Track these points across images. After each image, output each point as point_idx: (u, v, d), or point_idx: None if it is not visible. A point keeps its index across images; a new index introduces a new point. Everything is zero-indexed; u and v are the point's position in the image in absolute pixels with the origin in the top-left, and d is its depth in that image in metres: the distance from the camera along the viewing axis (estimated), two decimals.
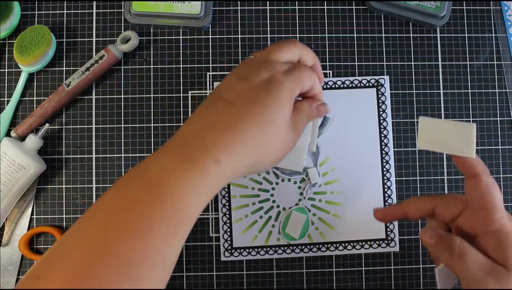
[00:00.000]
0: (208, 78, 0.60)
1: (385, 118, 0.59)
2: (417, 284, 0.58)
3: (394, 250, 0.58)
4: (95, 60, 0.58)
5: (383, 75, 0.60)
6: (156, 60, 0.60)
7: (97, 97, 0.60)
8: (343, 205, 0.58)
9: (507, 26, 0.61)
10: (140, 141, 0.59)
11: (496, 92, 0.61)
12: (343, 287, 0.58)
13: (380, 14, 0.61)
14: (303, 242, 0.58)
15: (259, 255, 0.58)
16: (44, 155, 0.59)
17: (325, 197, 0.58)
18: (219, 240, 0.58)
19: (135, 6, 0.58)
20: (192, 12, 0.58)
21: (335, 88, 0.60)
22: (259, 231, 0.58)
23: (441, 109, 0.60)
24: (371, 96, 0.60)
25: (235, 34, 0.61)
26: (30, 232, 0.57)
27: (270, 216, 0.58)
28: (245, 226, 0.58)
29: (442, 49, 0.61)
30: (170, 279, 0.41)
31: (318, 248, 0.58)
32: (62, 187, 0.59)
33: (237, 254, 0.58)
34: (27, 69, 0.58)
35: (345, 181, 0.59)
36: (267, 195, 0.58)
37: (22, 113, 0.59)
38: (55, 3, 0.61)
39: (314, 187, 0.58)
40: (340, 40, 0.61)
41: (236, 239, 0.58)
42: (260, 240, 0.58)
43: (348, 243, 0.58)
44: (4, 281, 0.57)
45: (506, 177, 0.60)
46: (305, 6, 0.61)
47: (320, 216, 0.58)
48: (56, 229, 0.57)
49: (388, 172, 0.59)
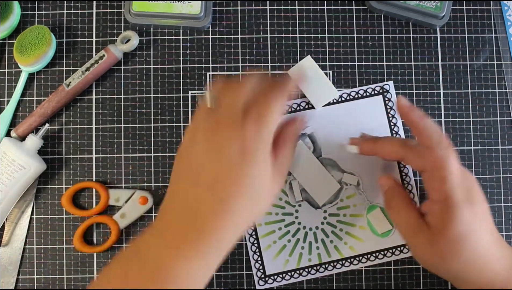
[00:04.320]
0: (208, 78, 0.60)
1: (395, 123, 0.59)
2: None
3: None
4: (95, 60, 0.58)
5: (383, 75, 0.60)
6: (156, 60, 0.60)
7: (97, 97, 0.60)
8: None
9: (507, 26, 0.61)
10: (140, 141, 0.59)
11: (496, 92, 0.61)
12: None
13: (380, 14, 0.61)
14: (334, 259, 0.58)
15: (293, 279, 0.58)
16: (44, 155, 0.59)
17: (349, 211, 0.58)
18: (251, 269, 0.58)
19: (135, 6, 0.58)
20: (192, 12, 0.58)
21: (341, 102, 0.60)
22: (289, 254, 0.58)
23: (441, 109, 0.60)
24: (378, 103, 0.60)
25: (235, 34, 0.61)
26: (73, 188, 0.57)
27: (298, 238, 0.58)
28: (275, 252, 0.58)
29: (442, 49, 0.61)
30: None
31: (350, 262, 0.58)
32: (62, 187, 0.59)
33: (271, 281, 0.58)
34: (27, 69, 0.58)
35: (366, 191, 0.59)
36: (291, 218, 0.58)
37: (22, 113, 0.59)
38: (55, 3, 0.61)
39: (337, 204, 0.59)
40: (340, 40, 0.61)
41: (268, 266, 0.58)
42: (292, 264, 0.58)
43: (379, 253, 0.58)
44: (4, 281, 0.57)
45: (506, 177, 0.60)
46: (305, 6, 0.61)
47: (347, 230, 0.58)
48: (99, 185, 0.57)
49: (407, 176, 0.59)
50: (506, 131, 0.60)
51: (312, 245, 0.58)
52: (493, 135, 0.60)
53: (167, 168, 0.59)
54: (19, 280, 0.58)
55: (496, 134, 0.60)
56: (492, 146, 0.60)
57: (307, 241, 0.58)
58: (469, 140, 0.60)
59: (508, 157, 0.60)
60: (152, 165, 0.59)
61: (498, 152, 0.60)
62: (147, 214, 0.58)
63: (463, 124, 0.60)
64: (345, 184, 0.59)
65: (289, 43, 0.61)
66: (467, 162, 0.60)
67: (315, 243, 0.58)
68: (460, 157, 0.59)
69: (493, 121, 0.60)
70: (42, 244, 0.58)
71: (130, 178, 0.59)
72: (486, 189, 0.59)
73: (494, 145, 0.60)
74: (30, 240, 0.58)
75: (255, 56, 0.60)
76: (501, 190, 0.60)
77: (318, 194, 0.58)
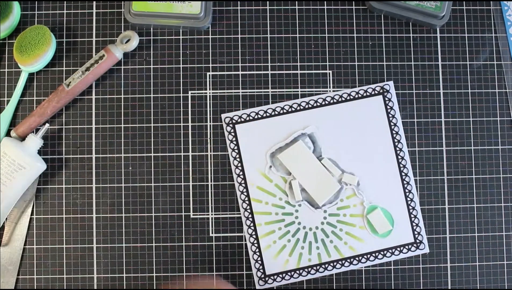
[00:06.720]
0: (208, 78, 0.60)
1: (395, 123, 0.59)
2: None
3: (424, 252, 0.58)
4: (95, 60, 0.58)
5: (383, 75, 0.60)
6: (156, 60, 0.60)
7: (97, 97, 0.60)
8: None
9: (507, 26, 0.61)
10: (140, 141, 0.59)
11: (496, 92, 0.61)
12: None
13: (380, 14, 0.61)
14: (334, 259, 0.58)
15: (293, 279, 0.58)
16: (44, 155, 0.59)
17: (349, 211, 0.58)
18: (251, 269, 0.58)
19: (135, 6, 0.58)
20: (192, 12, 0.58)
21: (341, 102, 0.60)
22: (289, 254, 0.58)
23: (441, 109, 0.60)
24: (378, 103, 0.60)
25: (235, 34, 0.61)
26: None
27: (298, 238, 0.58)
28: (275, 252, 0.58)
29: (442, 49, 0.61)
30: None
31: (350, 262, 0.58)
32: (62, 187, 0.59)
33: (271, 281, 0.58)
34: (27, 69, 0.58)
35: (366, 191, 0.59)
36: (291, 218, 0.58)
37: (22, 113, 0.59)
38: (55, 3, 0.61)
39: (337, 203, 0.59)
40: (340, 40, 0.61)
41: (268, 266, 0.58)
42: (292, 264, 0.58)
43: (378, 253, 0.58)
44: (4, 281, 0.57)
45: (506, 177, 0.60)
46: (305, 6, 0.61)
47: (347, 230, 0.58)
48: None
49: (407, 176, 0.59)
50: (506, 131, 0.60)
51: (312, 245, 0.58)
52: (493, 135, 0.60)
53: (167, 168, 0.59)
54: (19, 280, 0.58)
55: (496, 134, 0.60)
56: (492, 146, 0.60)
57: (307, 241, 0.58)
58: (469, 140, 0.60)
59: (508, 157, 0.60)
60: (152, 165, 0.59)
61: (498, 152, 0.60)
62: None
63: (463, 124, 0.60)
64: (345, 184, 0.59)
65: (289, 43, 0.61)
66: (467, 162, 0.60)
67: (315, 243, 0.58)
68: (460, 157, 0.59)
69: (493, 121, 0.60)
70: (42, 244, 0.58)
71: (130, 178, 0.59)
72: (486, 189, 0.59)
73: (494, 145, 0.60)
74: (30, 240, 0.58)
75: (255, 56, 0.60)
76: (501, 190, 0.60)
77: (318, 194, 0.58)
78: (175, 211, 0.59)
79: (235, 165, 0.59)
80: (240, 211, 0.58)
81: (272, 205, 0.58)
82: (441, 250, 0.59)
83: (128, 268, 0.58)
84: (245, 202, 0.58)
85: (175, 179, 0.59)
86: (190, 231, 0.58)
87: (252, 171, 0.59)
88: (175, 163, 0.59)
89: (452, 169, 0.60)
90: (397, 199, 0.59)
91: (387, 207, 0.58)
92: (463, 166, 0.60)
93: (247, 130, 0.59)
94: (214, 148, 0.59)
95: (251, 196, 0.58)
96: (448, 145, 0.60)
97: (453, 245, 0.59)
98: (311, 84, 0.60)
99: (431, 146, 0.60)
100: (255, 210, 0.58)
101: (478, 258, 0.59)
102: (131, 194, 0.59)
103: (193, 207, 0.59)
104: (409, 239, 0.58)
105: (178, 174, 0.59)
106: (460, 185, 0.59)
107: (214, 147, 0.59)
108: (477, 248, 0.59)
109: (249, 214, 0.58)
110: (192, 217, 0.59)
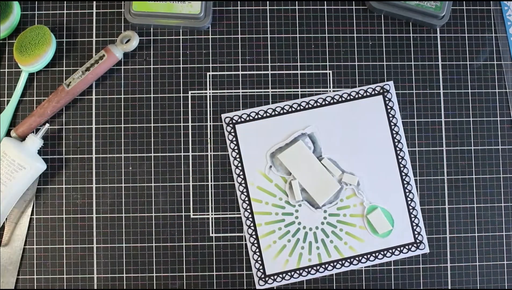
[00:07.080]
0: (208, 78, 0.60)
1: (395, 123, 0.59)
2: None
3: (424, 252, 0.58)
4: (95, 60, 0.58)
5: (383, 75, 0.60)
6: (156, 60, 0.60)
7: (97, 97, 0.60)
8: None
9: (507, 26, 0.61)
10: (140, 141, 0.59)
11: (496, 92, 0.61)
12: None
13: (380, 14, 0.61)
14: (334, 259, 0.58)
15: (293, 279, 0.58)
16: (44, 155, 0.59)
17: (349, 211, 0.58)
18: (251, 269, 0.58)
19: (135, 6, 0.58)
20: (192, 12, 0.58)
21: (341, 102, 0.60)
22: (289, 254, 0.58)
23: (441, 109, 0.60)
24: (378, 103, 0.60)
25: (235, 34, 0.61)
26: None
27: (298, 238, 0.58)
28: (275, 252, 0.58)
29: (442, 49, 0.61)
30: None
31: (350, 262, 0.58)
32: (62, 187, 0.59)
33: (271, 281, 0.58)
34: (27, 69, 0.58)
35: (366, 191, 0.59)
36: (291, 218, 0.58)
37: (22, 113, 0.59)
38: (55, 3, 0.61)
39: (337, 204, 0.59)
40: (340, 40, 0.61)
41: (268, 266, 0.58)
42: (292, 264, 0.58)
43: (378, 253, 0.58)
44: (4, 281, 0.57)
45: (506, 177, 0.60)
46: (305, 6, 0.61)
47: (347, 230, 0.58)
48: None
49: (407, 176, 0.59)
50: (506, 131, 0.60)
51: (312, 245, 0.58)
52: (493, 135, 0.60)
53: (167, 168, 0.59)
54: (19, 280, 0.58)
55: (496, 134, 0.60)
56: (492, 146, 0.60)
57: (307, 241, 0.58)
58: (469, 140, 0.60)
59: (508, 157, 0.60)
60: (152, 165, 0.59)
61: (498, 152, 0.60)
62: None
63: (463, 124, 0.60)
64: (345, 184, 0.59)
65: (289, 43, 0.61)
66: (467, 162, 0.60)
67: (315, 243, 0.58)
68: (460, 157, 0.59)
69: (493, 121, 0.60)
70: (42, 244, 0.58)
71: (130, 178, 0.59)
72: (486, 189, 0.59)
73: (494, 145, 0.60)
74: (30, 240, 0.58)
75: (255, 56, 0.60)
76: (501, 190, 0.60)
77: (318, 194, 0.58)
78: (175, 211, 0.59)
79: (235, 165, 0.59)
80: (240, 211, 0.58)
81: (272, 205, 0.58)
82: (441, 250, 0.59)
83: (128, 268, 0.58)
84: (245, 202, 0.58)
85: (175, 179, 0.59)
86: (190, 231, 0.58)
87: (252, 171, 0.59)
88: (175, 163, 0.59)
89: (452, 169, 0.60)
90: (397, 199, 0.59)
91: (387, 207, 0.58)
92: (463, 166, 0.60)
93: (247, 130, 0.59)
94: (214, 148, 0.59)
95: (251, 196, 0.58)
96: (448, 145, 0.60)
97: (453, 245, 0.59)
98: (311, 84, 0.60)
99: (431, 146, 0.60)
100: (255, 210, 0.58)
101: (478, 258, 0.59)
102: (131, 194, 0.59)
103: (193, 207, 0.59)
104: (409, 239, 0.58)
105: (178, 174, 0.59)
106: (460, 185, 0.59)
107: (214, 147, 0.59)
108: (477, 248, 0.59)
109: (249, 214, 0.58)
110: (192, 217, 0.59)
